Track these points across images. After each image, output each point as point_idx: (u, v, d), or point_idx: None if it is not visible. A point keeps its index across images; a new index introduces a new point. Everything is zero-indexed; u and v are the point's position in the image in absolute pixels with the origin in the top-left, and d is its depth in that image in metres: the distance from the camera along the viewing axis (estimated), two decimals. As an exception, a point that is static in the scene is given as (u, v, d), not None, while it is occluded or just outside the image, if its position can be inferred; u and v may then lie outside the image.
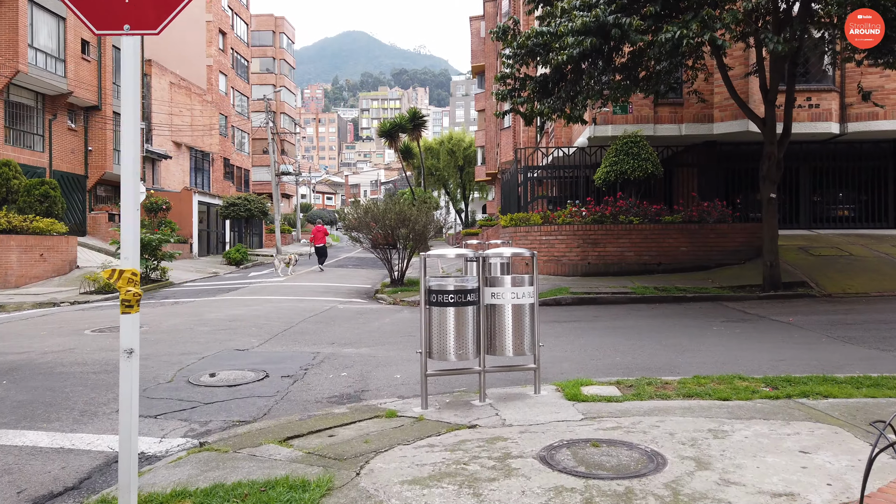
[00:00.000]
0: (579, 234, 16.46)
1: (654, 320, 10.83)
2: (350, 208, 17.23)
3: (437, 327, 5.43)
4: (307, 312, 12.46)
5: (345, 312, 12.67)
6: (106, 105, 28.42)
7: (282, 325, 10.73)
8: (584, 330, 9.96)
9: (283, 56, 73.25)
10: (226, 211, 29.28)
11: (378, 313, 12.66)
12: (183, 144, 40.00)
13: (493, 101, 44.18)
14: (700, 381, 5.91)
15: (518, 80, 13.80)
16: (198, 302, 14.73)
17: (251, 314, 12.18)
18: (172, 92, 38.60)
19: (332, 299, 15.08)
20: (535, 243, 17.05)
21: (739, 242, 16.19)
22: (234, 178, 49.37)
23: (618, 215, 16.63)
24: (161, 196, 29.37)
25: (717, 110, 18.20)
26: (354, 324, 11.12)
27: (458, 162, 56.57)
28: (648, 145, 17.41)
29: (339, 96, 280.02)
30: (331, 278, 21.25)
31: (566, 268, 16.52)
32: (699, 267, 16.16)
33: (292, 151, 73.00)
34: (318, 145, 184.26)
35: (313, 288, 17.79)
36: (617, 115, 18.52)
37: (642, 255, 16.30)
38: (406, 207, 16.59)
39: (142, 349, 8.67)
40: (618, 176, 17.18)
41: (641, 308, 12.56)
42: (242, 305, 13.62)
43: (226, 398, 6.25)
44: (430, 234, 16.93)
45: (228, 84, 48.34)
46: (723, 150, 19.42)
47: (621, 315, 11.58)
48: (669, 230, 16.28)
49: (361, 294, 16.56)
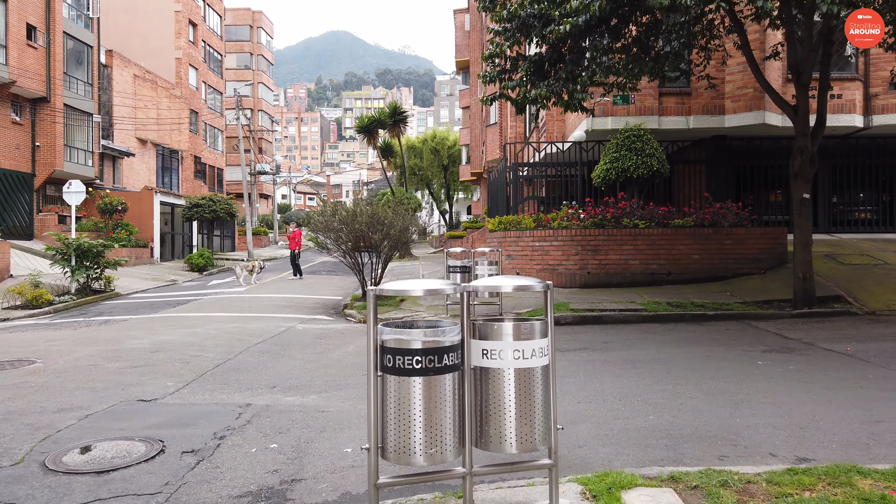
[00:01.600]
0: (578, 239, 14.44)
1: (679, 349, 8.81)
2: (317, 210, 15.06)
3: (394, 409, 3.33)
4: (255, 337, 10.30)
5: (302, 336, 10.53)
6: (55, 96, 25.97)
7: (216, 358, 8.58)
8: (595, 365, 7.91)
9: (261, 52, 70.76)
10: (189, 212, 26.94)
11: (342, 337, 10.54)
12: (149, 141, 37.55)
13: (479, 97, 42.16)
14: (801, 481, 3.86)
15: (509, 60, 11.74)
16: (131, 322, 12.51)
17: (184, 340, 10.00)
18: (136, 85, 36.15)
19: (291, 317, 12.92)
20: (528, 250, 15.02)
21: (758, 249, 14.25)
22: (205, 178, 46.91)
23: (621, 218, 14.63)
24: (117, 196, 26.97)
25: (730, 100, 16.28)
26: (310, 354, 8.99)
27: (442, 161, 54.44)
28: (653, 139, 15.45)
29: (323, 96, 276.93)
30: (298, 288, 19.06)
31: (563, 278, 14.50)
32: (713, 277, 14.21)
33: (270, 150, 70.51)
34: (301, 145, 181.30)
35: (274, 301, 15.61)
36: (618, 106, 16.54)
37: (649, 264, 14.31)
38: (381, 209, 14.48)
39: (13, 402, 6.45)
40: (619, 174, 15.19)
41: (656, 330, 10.55)
42: (179, 327, 11.43)
43: (83, 501, 4.12)
44: (410, 239, 14.84)
45: (199, 78, 45.88)
46: (733, 146, 17.51)
47: (636, 341, 9.55)
48: (680, 235, 14.31)
49: (328, 309, 14.41)
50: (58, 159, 26.01)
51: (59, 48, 26.05)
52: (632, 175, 15.11)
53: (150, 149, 38.02)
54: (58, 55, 25.96)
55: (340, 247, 14.56)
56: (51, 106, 25.66)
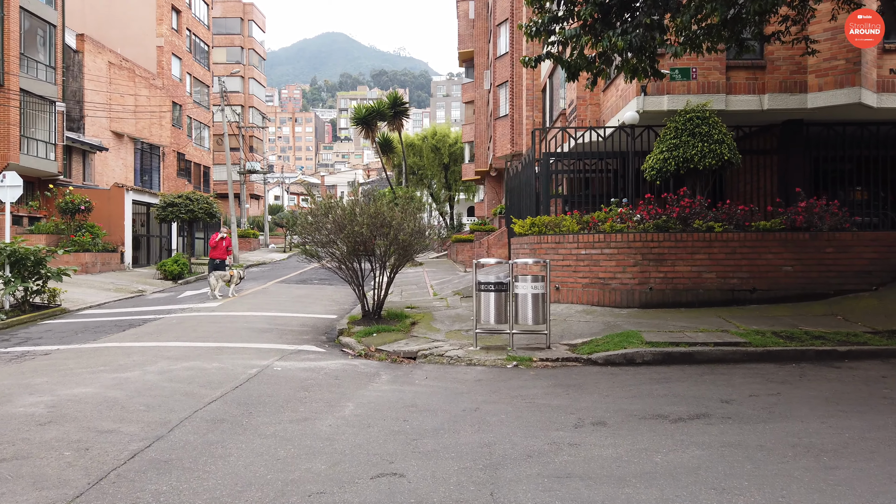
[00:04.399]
0: (636, 246, 11.38)
1: (855, 419, 5.72)
2: (306, 210, 11.92)
3: None
4: (212, 387, 7.18)
5: (279, 385, 7.41)
6: (9, 77, 22.75)
7: (137, 437, 5.45)
8: (756, 462, 4.81)
9: (253, 45, 67.64)
10: (163, 212, 23.72)
11: (337, 385, 7.43)
12: (126, 135, 34.36)
13: (484, 90, 39.12)
14: None
15: (563, 2, 8.66)
16: (53, 357, 9.35)
17: (104, 396, 6.85)
18: (112, 73, 32.95)
19: (269, 348, 9.79)
20: (570, 259, 11.95)
21: (868, 259, 11.20)
22: (190, 176, 43.71)
23: (689, 219, 11.57)
24: (81, 193, 23.76)
25: (814, 75, 13.25)
26: (287, 425, 5.87)
27: (442, 160, 51.33)
28: (721, 122, 12.44)
29: (318, 97, 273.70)
30: (283, 303, 15.92)
31: (617, 295, 11.43)
32: (810, 295, 11.17)
33: (262, 148, 67.30)
34: (295, 145, 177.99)
35: (251, 323, 12.47)
36: (675, 82, 13.49)
37: (728, 278, 11.26)
38: (385, 208, 11.38)
39: None
40: (680, 164, 12.16)
41: (780, 376, 7.49)
42: (110, 369, 8.27)
43: None
44: (425, 246, 11.77)
45: (184, 69, 42.67)
46: (811, 133, 14.47)
47: (768, 398, 6.47)
48: (767, 241, 11.26)
49: (318, 333, 11.29)
50: (12, 151, 22.81)
51: (13, 25, 22.85)
52: (696, 166, 12.08)
53: (126, 143, 34.81)
54: (12, 32, 22.77)
55: (335, 254, 11.45)
56: (4, 89, 22.45)
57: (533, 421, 5.92)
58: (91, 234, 22.70)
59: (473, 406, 6.47)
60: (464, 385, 7.45)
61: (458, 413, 6.22)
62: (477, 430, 5.68)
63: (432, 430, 5.69)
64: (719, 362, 8.26)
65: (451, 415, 6.16)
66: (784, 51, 13.30)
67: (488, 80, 35.47)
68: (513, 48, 29.13)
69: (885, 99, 13.37)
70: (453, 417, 6.07)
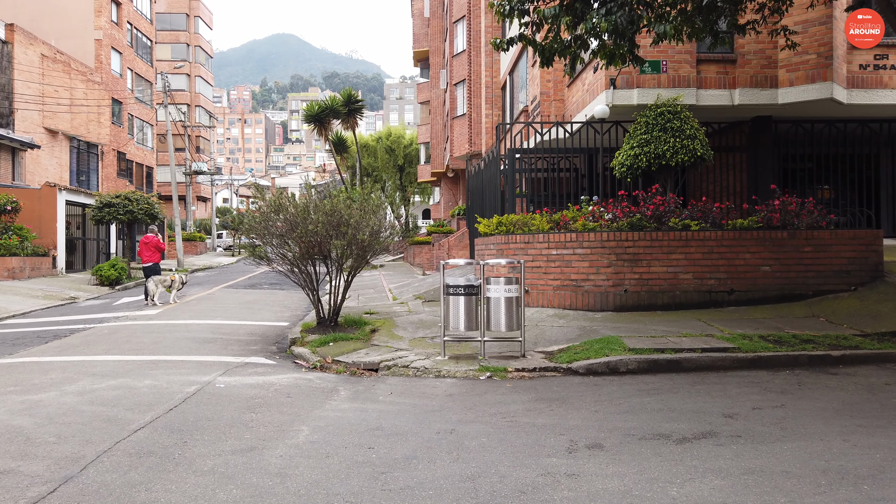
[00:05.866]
0: (610, 245, 10.74)
1: (875, 434, 5.10)
2: (251, 209, 10.85)
3: None
4: (141, 411, 6.15)
5: (222, 405, 6.42)
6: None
7: (43, 478, 4.42)
8: (762, 479, 4.10)
9: (199, 42, 65.41)
10: (99, 213, 22.08)
11: (289, 404, 6.47)
12: (60, 132, 32.26)
13: (440, 89, 38.34)
14: None
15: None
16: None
17: (9, 425, 5.74)
18: (45, 66, 30.91)
19: (212, 361, 8.74)
20: (541, 260, 11.23)
21: (846, 258, 10.82)
22: (132, 177, 41.60)
23: (665, 218, 11.00)
24: (8, 193, 21.96)
25: (785, 70, 12.91)
26: (229, 457, 4.92)
27: (397, 161, 50.35)
28: (692, 117, 11.97)
29: (268, 98, 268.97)
30: (230, 309, 14.77)
31: (590, 298, 10.76)
32: (789, 295, 10.72)
33: (208, 149, 65.04)
34: (244, 147, 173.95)
35: (193, 332, 11.34)
36: (645, 76, 12.96)
37: (705, 278, 10.72)
38: (343, 205, 10.44)
39: None
40: (651, 160, 11.63)
41: (776, 384, 6.89)
42: (22, 389, 7.11)
43: None
44: (385, 246, 10.87)
45: (124, 64, 40.61)
46: (780, 130, 14.18)
47: (773, 410, 5.83)
48: (744, 241, 10.76)
49: (269, 344, 10.26)
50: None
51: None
52: (668, 162, 11.57)
53: (62, 141, 32.73)
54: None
55: (286, 256, 10.45)
56: (-81, 80, 20.54)
57: (519, 445, 5.12)
58: (19, 236, 20.99)
59: (448, 427, 5.64)
60: (434, 401, 6.60)
61: (432, 437, 5.37)
62: (455, 458, 4.84)
63: (403, 459, 4.83)
64: (709, 370, 7.63)
65: (424, 439, 5.31)
66: (755, 44, 12.94)
67: (444, 79, 34.75)
68: (470, 45, 28.46)
69: (854, 95, 13.16)
70: (426, 442, 5.22)
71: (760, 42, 12.95)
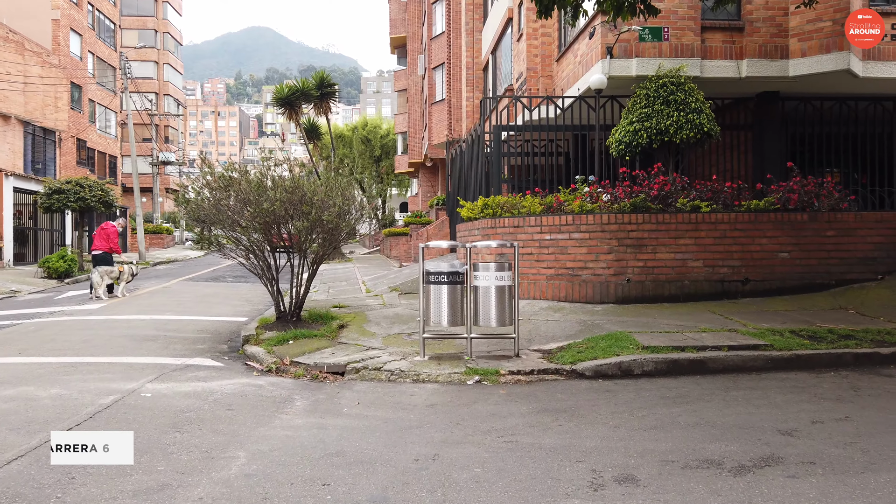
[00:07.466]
0: (611, 229, 9.48)
1: None
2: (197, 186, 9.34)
3: None
4: (25, 435, 4.73)
5: (138, 425, 5.02)
6: None
7: None
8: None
9: (168, 29, 63.10)
10: (48, 200, 20.31)
11: (228, 422, 5.09)
12: (13, 117, 30.23)
13: (418, 76, 36.88)
14: None
15: None
16: None
17: None
18: (-5, 46, 28.89)
19: (145, 363, 7.29)
20: (532, 246, 9.94)
21: (872, 244, 9.69)
22: (93, 166, 39.55)
23: (671, 198, 9.78)
24: (-54, 178, 20.13)
25: (796, 39, 11.75)
26: (125, 501, 3.53)
27: (374, 152, 48.78)
28: (697, 89, 10.79)
29: (243, 91, 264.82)
30: (184, 303, 13.28)
31: (589, 288, 9.50)
32: (810, 285, 9.56)
33: (177, 139, 62.82)
34: (218, 140, 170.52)
35: (135, 327, 9.87)
36: (645, 44, 11.72)
37: (717, 266, 9.51)
38: (305, 181, 9.04)
39: None
40: (653, 136, 10.41)
41: (824, 389, 5.71)
42: None
43: None
44: (353, 227, 9.51)
45: (85, 47, 38.52)
46: (787, 108, 13.04)
47: (838, 423, 4.63)
48: (761, 224, 9.59)
49: (219, 342, 8.84)
50: None
51: None
52: (672, 138, 10.37)
53: (15, 126, 30.68)
54: None
55: (240, 241, 9.02)
56: None
57: (524, 477, 3.83)
58: (-43, 225, 19.19)
59: (430, 451, 4.32)
60: (412, 413, 5.28)
61: (409, 466, 4.05)
62: (442, 499, 3.53)
63: (369, 502, 3.50)
64: (739, 371, 6.40)
65: (398, 469, 3.99)
66: (764, 10, 11.78)
67: (422, 65, 33.35)
68: (450, 27, 27.09)
69: (871, 67, 11.99)
70: (401, 475, 3.90)
71: (770, 9, 11.80)
